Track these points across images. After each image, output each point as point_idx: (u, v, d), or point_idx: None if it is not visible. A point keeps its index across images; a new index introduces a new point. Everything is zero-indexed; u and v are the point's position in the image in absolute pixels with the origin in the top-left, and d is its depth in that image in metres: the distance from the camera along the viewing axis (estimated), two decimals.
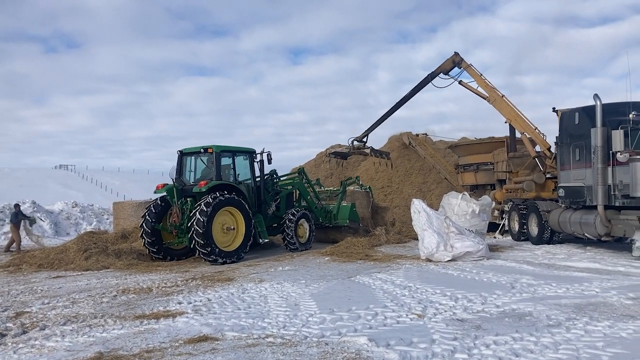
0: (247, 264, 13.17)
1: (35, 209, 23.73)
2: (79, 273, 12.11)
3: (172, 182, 14.22)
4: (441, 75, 20.87)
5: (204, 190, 13.35)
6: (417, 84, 21.42)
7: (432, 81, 21.01)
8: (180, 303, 8.21)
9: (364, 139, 22.72)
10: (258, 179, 15.47)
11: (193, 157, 14.77)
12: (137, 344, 5.90)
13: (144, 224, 13.93)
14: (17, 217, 17.82)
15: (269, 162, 15.27)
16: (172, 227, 13.92)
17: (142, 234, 13.99)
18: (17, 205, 18.99)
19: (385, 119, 22.65)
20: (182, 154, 14.82)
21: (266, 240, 15.08)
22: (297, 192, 17.66)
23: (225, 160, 14.87)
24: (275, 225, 16.11)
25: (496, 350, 5.39)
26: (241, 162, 15.33)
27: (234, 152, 14.93)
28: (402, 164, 27.14)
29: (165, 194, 14.13)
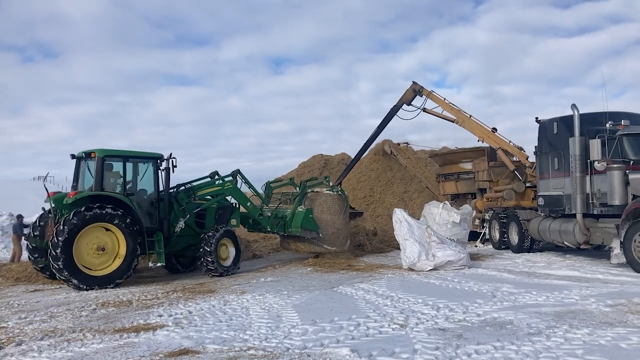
0: (228, 275, 13.07)
1: (12, 221, 23.34)
2: (58, 286, 11.91)
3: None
4: (405, 106, 21.01)
5: (70, 202, 11.35)
6: (382, 119, 21.57)
7: (398, 114, 21.14)
8: (160, 316, 8.11)
9: (339, 185, 22.60)
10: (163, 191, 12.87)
11: (85, 163, 12.58)
12: (117, 358, 5.82)
13: (27, 240, 12.37)
14: (21, 228, 16.88)
15: (173, 170, 12.71)
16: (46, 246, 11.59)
17: (27, 250, 12.30)
18: (20, 216, 18.12)
19: (358, 159, 23.14)
20: (78, 159, 12.63)
21: (158, 265, 12.41)
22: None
23: (116, 167, 12.46)
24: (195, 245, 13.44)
25: (477, 359, 5.41)
26: (138, 170, 12.86)
27: (126, 157, 12.30)
28: (384, 173, 27.23)
29: (54, 204, 11.83)
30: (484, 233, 19.06)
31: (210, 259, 12.78)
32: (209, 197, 14.20)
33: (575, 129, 13.01)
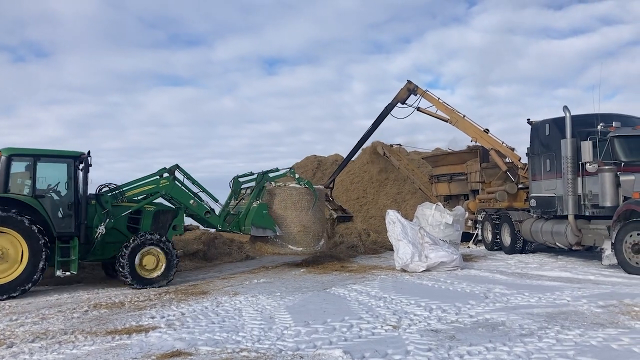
0: (221, 276, 13.05)
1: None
2: (50, 288, 11.85)
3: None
4: (399, 105, 20.93)
5: None
6: (376, 118, 21.50)
7: (392, 112, 21.05)
8: (153, 317, 8.08)
9: (331, 185, 22.56)
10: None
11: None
12: None
13: None
14: None
15: (87, 169, 11.56)
16: None
17: None
18: None
19: (350, 158, 22.93)
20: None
21: (68, 274, 11.16)
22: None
23: (26, 167, 11.39)
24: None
25: None
26: (52, 170, 11.69)
27: (36, 156, 11.20)
28: (377, 175, 27.25)
29: None
30: (477, 234, 19.12)
31: (123, 271, 11.34)
32: (142, 198, 12.58)
33: (567, 131, 13.07)
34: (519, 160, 17.83)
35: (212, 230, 16.50)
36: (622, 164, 12.10)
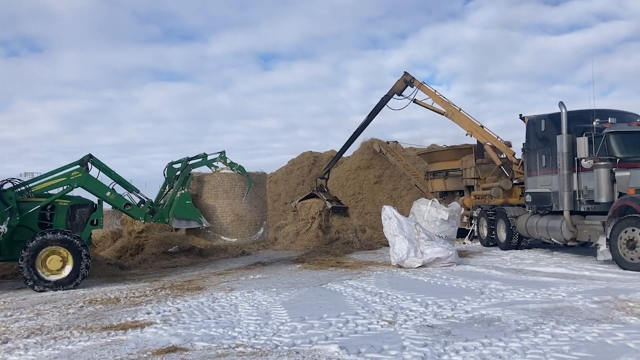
0: (217, 272, 13.04)
1: None
2: None
3: None
4: (395, 96, 20.85)
5: None
6: (372, 109, 21.40)
7: (388, 104, 20.96)
8: (148, 313, 8.07)
9: (326, 176, 22.48)
10: None
11: None
12: (104, 356, 5.77)
13: None
14: None
15: None
16: None
17: None
18: None
19: (346, 149, 22.79)
20: None
21: None
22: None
23: None
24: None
25: (465, 356, 5.43)
26: None
27: None
28: (373, 171, 27.29)
29: None
30: (472, 230, 19.17)
31: (23, 273, 10.50)
32: (53, 192, 11.83)
33: (563, 127, 13.09)
34: (513, 156, 17.86)
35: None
36: (618, 160, 12.13)
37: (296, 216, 20.52)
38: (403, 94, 20.72)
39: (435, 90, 20.10)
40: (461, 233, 18.61)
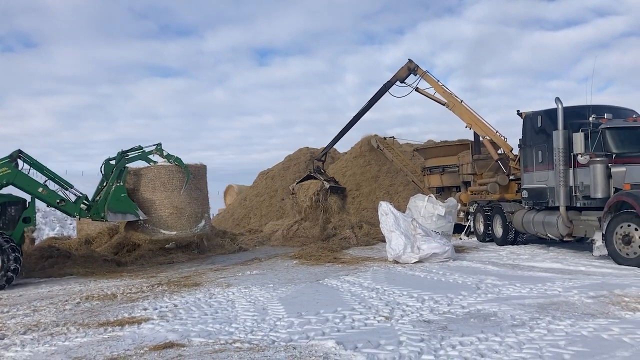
0: (214, 268, 13.04)
1: None
2: (41, 280, 11.80)
3: None
4: (398, 83, 20.69)
5: None
6: (373, 94, 21.25)
7: (390, 91, 20.82)
8: (145, 309, 8.07)
9: (323, 158, 22.36)
10: None
11: None
12: (101, 352, 5.78)
13: None
14: None
15: None
16: None
17: None
18: None
19: (344, 133, 22.59)
20: None
21: None
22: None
23: None
24: None
25: (462, 351, 5.45)
26: None
27: None
28: (370, 167, 27.28)
29: None
30: (469, 226, 19.19)
31: None
32: None
33: (559, 123, 13.11)
34: (511, 151, 17.88)
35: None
36: (614, 155, 12.15)
37: (294, 199, 20.57)
38: (406, 81, 20.55)
39: (438, 81, 19.99)
40: (458, 229, 18.67)
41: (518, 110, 16.09)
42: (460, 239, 18.92)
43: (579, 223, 13.11)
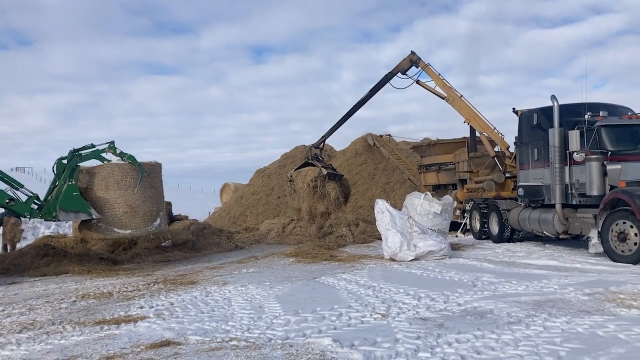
0: (210, 266, 13.03)
1: None
2: (36, 279, 11.77)
3: None
4: (399, 75, 20.62)
5: None
6: (374, 84, 21.14)
7: (391, 82, 20.70)
8: (142, 307, 8.05)
9: (321, 145, 22.33)
10: None
11: None
12: (97, 350, 5.77)
13: None
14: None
15: None
16: None
17: None
18: None
19: (343, 122, 22.38)
20: None
21: None
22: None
23: None
24: None
25: (458, 348, 5.46)
26: None
27: None
28: (366, 165, 27.28)
29: None
30: (465, 223, 19.22)
31: None
32: None
33: (555, 120, 13.14)
34: (507, 149, 17.90)
35: (201, 220, 16.25)
36: (609, 153, 12.18)
37: (292, 186, 20.64)
38: (407, 73, 20.47)
39: (439, 74, 19.95)
40: (454, 226, 18.67)
41: (514, 108, 16.12)
42: (457, 236, 18.95)
43: (575, 220, 13.14)
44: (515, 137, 15.97)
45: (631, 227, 11.16)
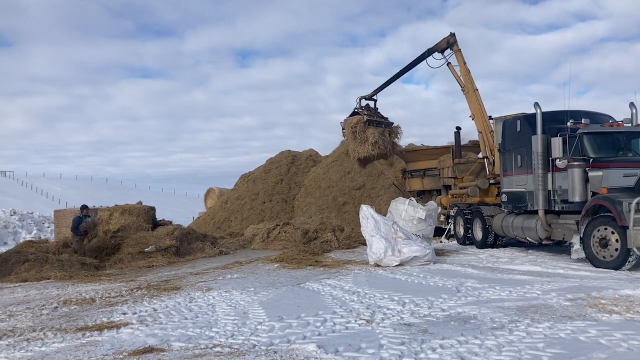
0: (194, 272, 12.95)
1: None
2: (17, 284, 11.61)
3: None
4: (435, 55, 20.13)
5: None
6: (412, 60, 20.78)
7: (427, 59, 20.17)
8: (124, 313, 7.98)
9: (375, 97, 22.04)
10: None
11: None
12: (79, 357, 5.70)
13: None
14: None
15: None
16: None
17: None
18: (84, 207, 16.20)
19: (391, 82, 21.70)
20: None
21: None
22: None
23: None
24: None
25: (442, 354, 5.48)
26: None
27: None
28: (351, 170, 27.33)
29: None
30: (449, 229, 19.33)
31: None
32: None
33: (538, 127, 13.27)
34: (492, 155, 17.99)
35: (185, 225, 16.17)
36: (591, 160, 12.33)
37: (343, 133, 21.87)
38: (444, 53, 19.95)
39: (465, 62, 19.72)
40: (438, 232, 18.77)
41: (490, 116, 16.26)
42: (441, 242, 19.05)
43: (557, 226, 13.27)
44: (499, 143, 16.11)
45: (612, 233, 11.29)
